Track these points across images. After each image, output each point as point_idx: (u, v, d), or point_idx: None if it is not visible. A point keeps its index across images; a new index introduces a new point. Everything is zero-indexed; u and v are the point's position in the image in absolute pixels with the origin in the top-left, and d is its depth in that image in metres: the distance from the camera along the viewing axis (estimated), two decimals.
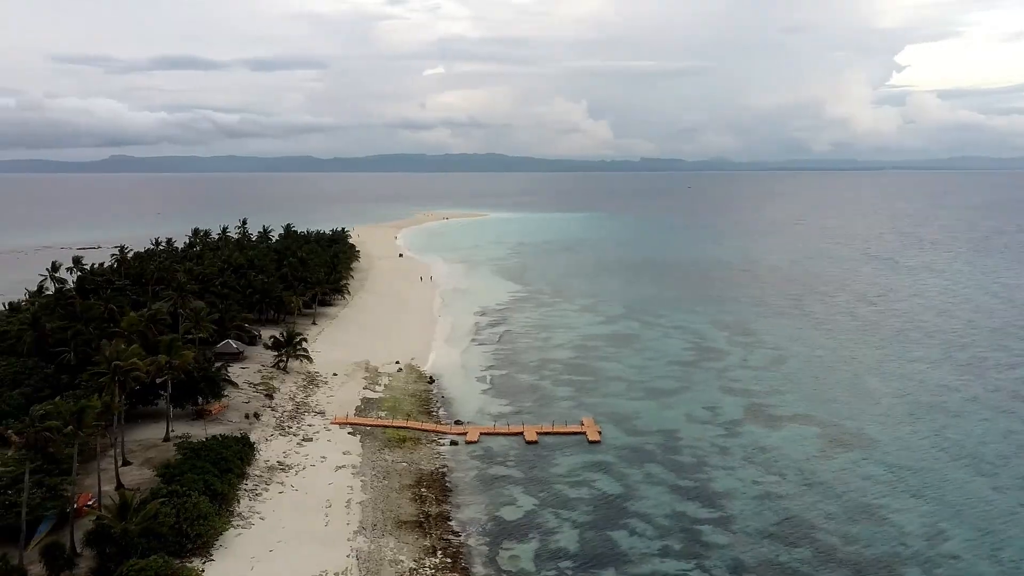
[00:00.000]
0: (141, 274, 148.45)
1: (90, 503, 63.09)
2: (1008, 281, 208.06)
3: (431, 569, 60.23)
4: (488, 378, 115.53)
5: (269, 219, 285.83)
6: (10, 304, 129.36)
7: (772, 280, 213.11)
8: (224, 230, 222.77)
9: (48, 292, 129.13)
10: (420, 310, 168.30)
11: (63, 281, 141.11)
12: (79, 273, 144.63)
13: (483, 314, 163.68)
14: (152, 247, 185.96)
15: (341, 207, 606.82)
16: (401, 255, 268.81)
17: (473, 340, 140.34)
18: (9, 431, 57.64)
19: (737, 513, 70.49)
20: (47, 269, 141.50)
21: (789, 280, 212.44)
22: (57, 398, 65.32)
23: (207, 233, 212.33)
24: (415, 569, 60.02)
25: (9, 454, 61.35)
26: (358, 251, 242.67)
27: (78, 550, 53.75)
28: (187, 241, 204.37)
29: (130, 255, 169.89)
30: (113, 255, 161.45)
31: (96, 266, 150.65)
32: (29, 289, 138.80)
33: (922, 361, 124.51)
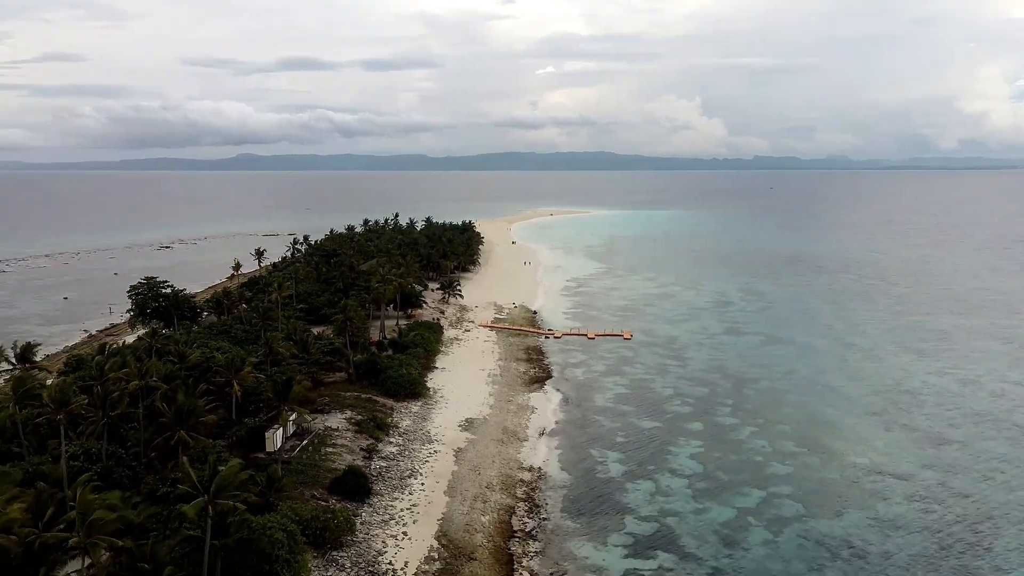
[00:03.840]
0: (340, 246, 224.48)
1: (377, 340, 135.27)
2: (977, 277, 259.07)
3: (533, 372, 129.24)
4: (570, 312, 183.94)
5: (401, 212, 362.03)
6: (275, 263, 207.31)
7: (802, 264, 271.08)
8: (386, 220, 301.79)
9: (298, 256, 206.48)
10: (527, 277, 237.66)
11: (299, 249, 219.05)
12: (309, 245, 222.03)
13: (571, 281, 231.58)
14: (344, 231, 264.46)
15: (460, 204, 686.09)
16: (514, 242, 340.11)
17: (562, 294, 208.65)
18: (365, 294, 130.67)
19: (695, 367, 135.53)
20: (290, 243, 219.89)
21: (815, 264, 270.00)
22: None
23: (376, 222, 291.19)
24: (524, 372, 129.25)
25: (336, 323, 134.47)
26: (482, 238, 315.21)
27: (385, 346, 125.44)
28: (362, 227, 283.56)
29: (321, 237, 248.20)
30: (325, 234, 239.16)
31: (318, 240, 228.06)
32: (269, 257, 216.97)
33: (862, 312, 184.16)
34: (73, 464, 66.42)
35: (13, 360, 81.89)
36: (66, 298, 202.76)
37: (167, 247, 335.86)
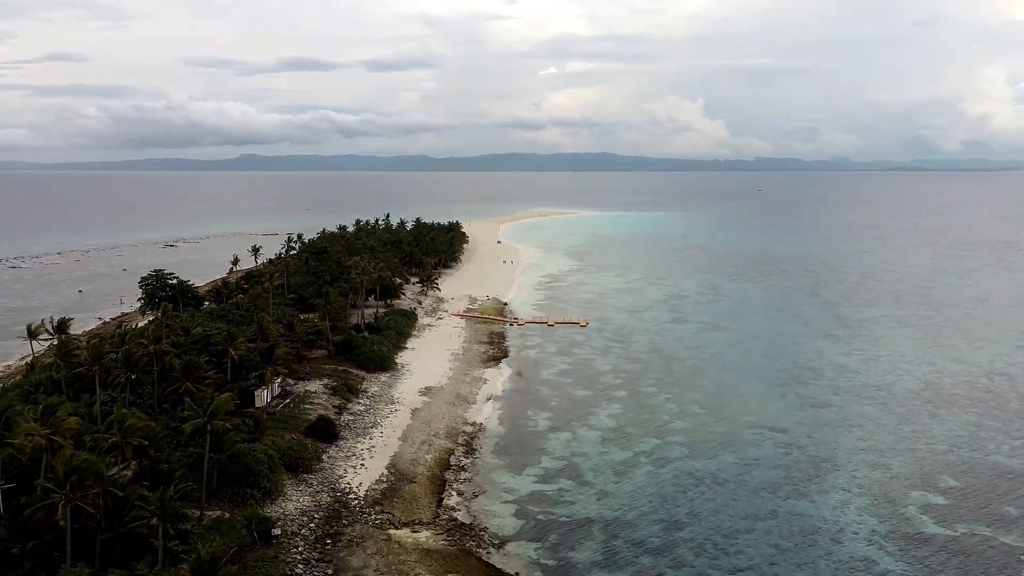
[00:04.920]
0: (331, 244, 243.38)
1: (355, 324, 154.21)
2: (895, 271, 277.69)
3: (492, 352, 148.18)
4: (536, 304, 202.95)
5: (398, 213, 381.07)
6: (270, 260, 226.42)
7: (766, 263, 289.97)
8: (377, 220, 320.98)
9: (291, 253, 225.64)
10: (504, 274, 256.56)
11: (293, 247, 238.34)
12: (302, 243, 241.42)
13: (546, 277, 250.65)
14: (335, 231, 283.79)
15: (457, 205, 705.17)
16: (499, 242, 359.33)
17: (535, 288, 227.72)
18: (346, 285, 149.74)
19: (636, 349, 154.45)
20: (285, 241, 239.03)
21: (778, 263, 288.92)
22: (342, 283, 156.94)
23: (367, 223, 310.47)
24: (484, 352, 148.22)
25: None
26: (467, 237, 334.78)
27: (362, 328, 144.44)
28: (354, 227, 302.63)
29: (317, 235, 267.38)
30: (318, 233, 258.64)
31: (311, 238, 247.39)
32: (265, 254, 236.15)
33: (802, 304, 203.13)
34: (103, 408, 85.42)
35: (51, 330, 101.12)
36: (80, 291, 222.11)
37: (172, 245, 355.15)
